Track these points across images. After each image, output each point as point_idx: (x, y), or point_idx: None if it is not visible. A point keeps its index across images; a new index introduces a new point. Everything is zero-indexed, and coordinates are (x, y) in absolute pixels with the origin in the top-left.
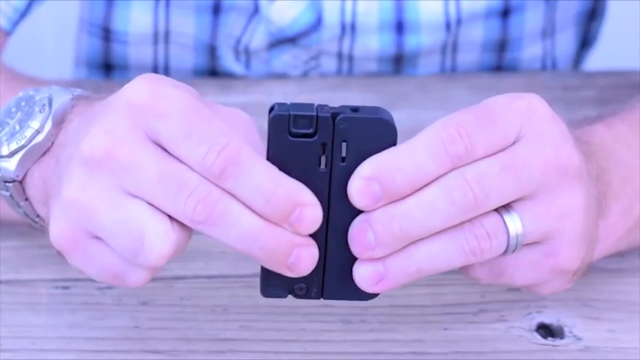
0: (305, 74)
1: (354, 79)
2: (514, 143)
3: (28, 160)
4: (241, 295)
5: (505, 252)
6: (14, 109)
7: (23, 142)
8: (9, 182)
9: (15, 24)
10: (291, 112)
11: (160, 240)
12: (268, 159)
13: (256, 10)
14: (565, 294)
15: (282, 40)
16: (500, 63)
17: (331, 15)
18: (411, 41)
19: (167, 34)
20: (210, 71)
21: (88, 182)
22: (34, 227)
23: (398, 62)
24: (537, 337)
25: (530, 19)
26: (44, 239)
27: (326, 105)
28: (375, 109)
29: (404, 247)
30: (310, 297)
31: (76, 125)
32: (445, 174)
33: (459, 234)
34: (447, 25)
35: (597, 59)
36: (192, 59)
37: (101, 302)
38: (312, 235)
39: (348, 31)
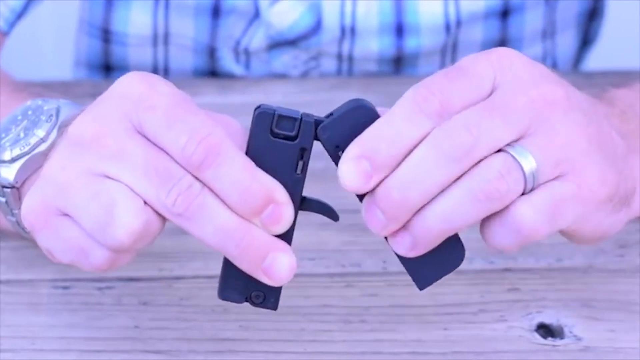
0: (305, 74)
1: (354, 79)
2: (491, 93)
3: (29, 167)
4: None
5: (524, 189)
6: (20, 117)
7: (26, 149)
8: (7, 187)
9: (12, 24)
10: (276, 112)
11: (129, 215)
12: (247, 154)
13: (256, 13)
14: (565, 294)
15: (282, 43)
16: None
17: (331, 18)
18: (411, 43)
19: (166, 35)
20: (210, 72)
21: (70, 162)
22: (24, 237)
23: (398, 63)
24: (537, 337)
25: (531, 20)
26: None
27: (312, 114)
28: (349, 102)
29: (419, 212)
30: (266, 306)
31: None
32: (429, 133)
33: (468, 183)
34: (447, 27)
35: (597, 59)
36: (191, 60)
37: (101, 302)
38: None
39: (348, 34)
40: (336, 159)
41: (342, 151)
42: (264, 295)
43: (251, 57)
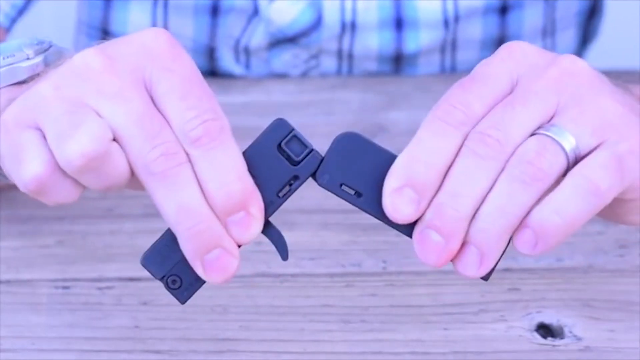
0: (305, 74)
1: (354, 79)
2: (514, 88)
3: (5, 78)
4: (241, 295)
5: (568, 164)
6: (18, 40)
7: (9, 60)
8: None
9: (13, 20)
10: (294, 131)
11: (92, 138)
12: (244, 153)
13: (255, 11)
14: (565, 294)
15: (282, 40)
16: None
17: (331, 14)
18: (410, 39)
19: None
20: (210, 73)
21: (64, 85)
22: None
23: (398, 62)
24: (537, 337)
25: (530, 17)
26: (44, 239)
27: (321, 155)
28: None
29: (475, 219)
30: (176, 295)
31: None
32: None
33: (511, 172)
34: (446, 22)
35: (597, 59)
36: None
37: (101, 302)
38: None
39: (348, 29)
40: (346, 196)
41: (349, 186)
42: (181, 284)
43: (251, 56)
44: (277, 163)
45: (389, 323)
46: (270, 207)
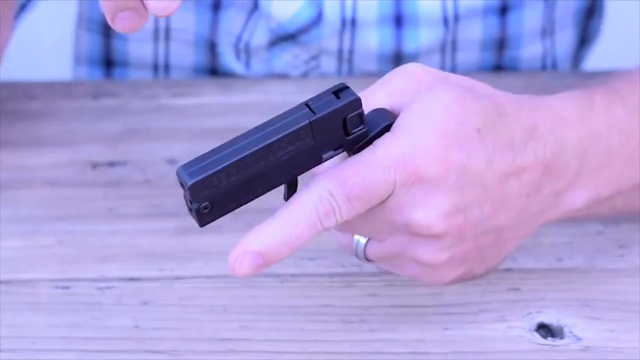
0: (305, 74)
1: (354, 79)
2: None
3: None
4: (241, 295)
5: None
6: None
7: None
8: None
9: (15, 17)
10: (361, 110)
11: None
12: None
13: (255, 5)
14: (565, 294)
15: (283, 37)
16: (500, 62)
17: (331, 10)
18: (410, 37)
19: (167, 30)
20: (211, 69)
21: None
22: None
23: (398, 62)
24: (537, 337)
25: (529, 17)
26: (44, 239)
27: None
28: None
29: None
30: (201, 220)
31: None
32: None
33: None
34: (445, 21)
35: (597, 59)
36: (192, 56)
37: (101, 302)
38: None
39: (348, 26)
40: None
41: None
42: (211, 208)
43: (252, 55)
44: (335, 128)
45: (389, 323)
46: (313, 163)
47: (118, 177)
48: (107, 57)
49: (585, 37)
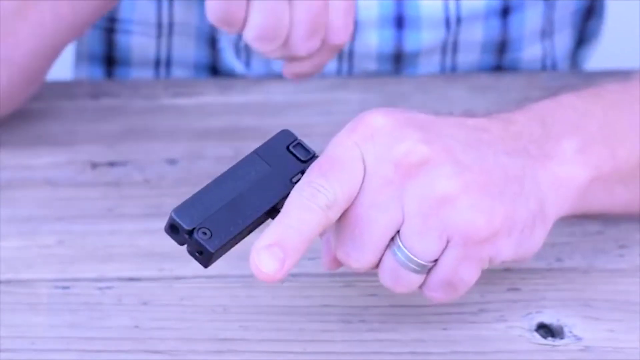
0: None
1: (354, 79)
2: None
3: None
4: (241, 295)
5: (420, 269)
6: None
7: None
8: None
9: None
10: (298, 139)
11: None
12: (255, 151)
13: None
14: (565, 294)
15: None
16: (500, 64)
17: None
18: (411, 38)
19: (170, 25)
20: (211, 66)
21: None
22: None
23: (398, 62)
24: (537, 337)
25: (530, 19)
26: (44, 239)
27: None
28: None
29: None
30: (207, 244)
31: None
32: None
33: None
34: (447, 23)
35: (597, 59)
36: (193, 51)
37: (101, 302)
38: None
39: None
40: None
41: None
42: (210, 235)
43: (252, 54)
44: (288, 159)
45: (389, 323)
46: (283, 191)
47: (118, 177)
48: (109, 54)
49: (583, 38)
